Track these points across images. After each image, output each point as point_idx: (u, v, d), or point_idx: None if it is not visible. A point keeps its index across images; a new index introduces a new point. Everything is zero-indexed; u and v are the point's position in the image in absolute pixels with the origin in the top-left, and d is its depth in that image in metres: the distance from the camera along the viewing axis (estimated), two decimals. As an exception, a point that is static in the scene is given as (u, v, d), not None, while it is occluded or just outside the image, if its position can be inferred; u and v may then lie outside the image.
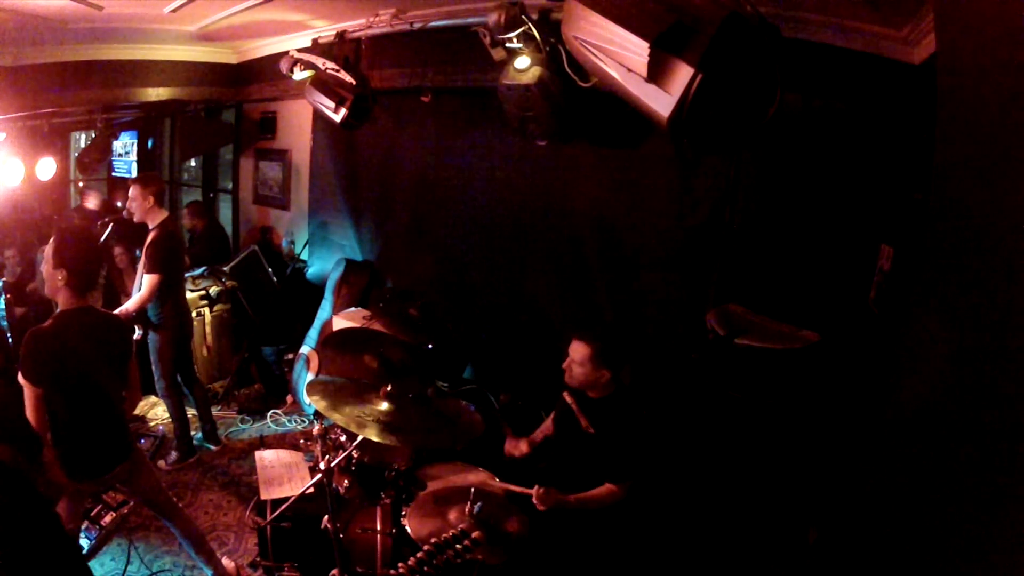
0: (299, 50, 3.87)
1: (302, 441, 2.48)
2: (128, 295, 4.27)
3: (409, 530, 2.07)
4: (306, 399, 3.82)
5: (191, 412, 4.05)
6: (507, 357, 4.04)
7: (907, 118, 2.23)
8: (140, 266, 3.61)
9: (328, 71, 3.72)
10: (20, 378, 2.08)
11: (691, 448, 2.78)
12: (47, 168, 4.49)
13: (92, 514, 3.06)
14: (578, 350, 2.37)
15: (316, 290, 4.97)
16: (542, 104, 2.71)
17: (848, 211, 2.58)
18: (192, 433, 3.97)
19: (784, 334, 2.50)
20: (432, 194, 4.40)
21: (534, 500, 2.27)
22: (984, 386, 1.29)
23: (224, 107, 6.15)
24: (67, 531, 2.37)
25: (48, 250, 2.23)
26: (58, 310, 2.24)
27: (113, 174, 6.68)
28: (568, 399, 2.56)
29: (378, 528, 2.40)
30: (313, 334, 4.61)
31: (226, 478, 3.75)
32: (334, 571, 2.11)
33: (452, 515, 2.04)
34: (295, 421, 4.48)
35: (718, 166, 2.95)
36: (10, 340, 3.93)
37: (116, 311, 3.29)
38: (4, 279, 4.08)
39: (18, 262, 4.48)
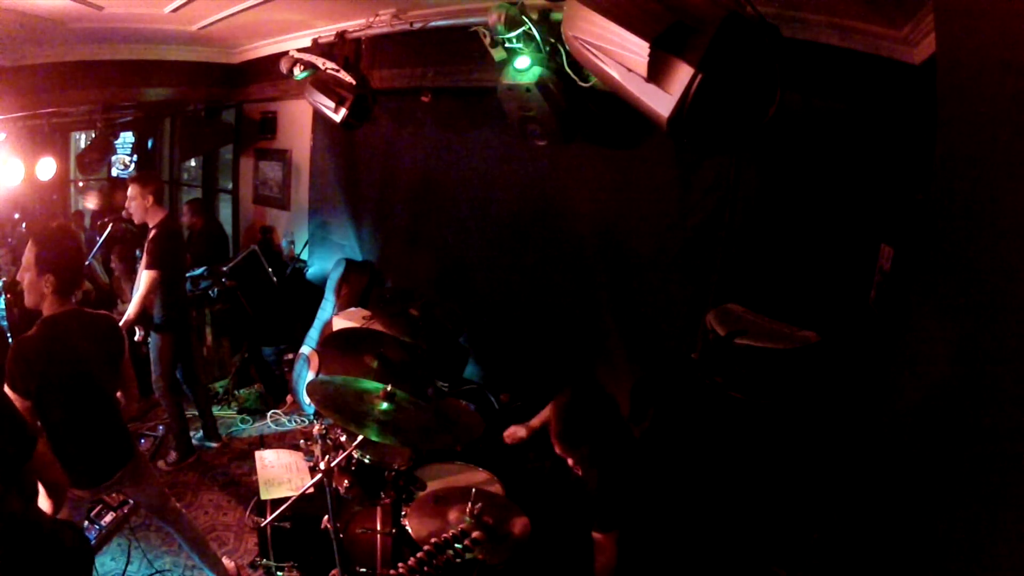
0: (299, 50, 3.87)
1: (302, 441, 2.48)
2: (125, 300, 4.28)
3: (409, 530, 2.07)
4: (306, 399, 3.82)
5: (191, 412, 4.05)
6: (507, 357, 4.04)
7: (907, 118, 2.23)
8: (140, 264, 3.62)
9: (328, 71, 3.72)
10: (7, 389, 1.97)
11: (690, 449, 2.78)
12: (47, 168, 4.49)
13: (92, 514, 3.06)
14: (572, 455, 2.20)
15: (316, 290, 4.97)
16: (542, 104, 2.71)
17: (848, 211, 2.58)
18: (192, 433, 3.97)
19: (784, 334, 2.50)
20: (432, 194, 4.40)
21: None
22: (984, 386, 1.29)
23: (224, 107, 6.15)
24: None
25: (29, 258, 2.12)
26: (44, 315, 2.15)
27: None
28: None
29: (378, 528, 2.41)
30: (314, 334, 4.61)
31: (226, 478, 3.75)
32: (334, 571, 2.11)
33: (452, 515, 2.04)
34: (295, 421, 4.48)
35: (718, 166, 2.95)
36: (10, 340, 3.93)
37: (122, 321, 3.27)
38: (3, 279, 4.07)
39: (11, 261, 4.48)
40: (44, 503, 1.91)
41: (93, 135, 5.65)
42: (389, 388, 2.13)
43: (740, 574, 2.41)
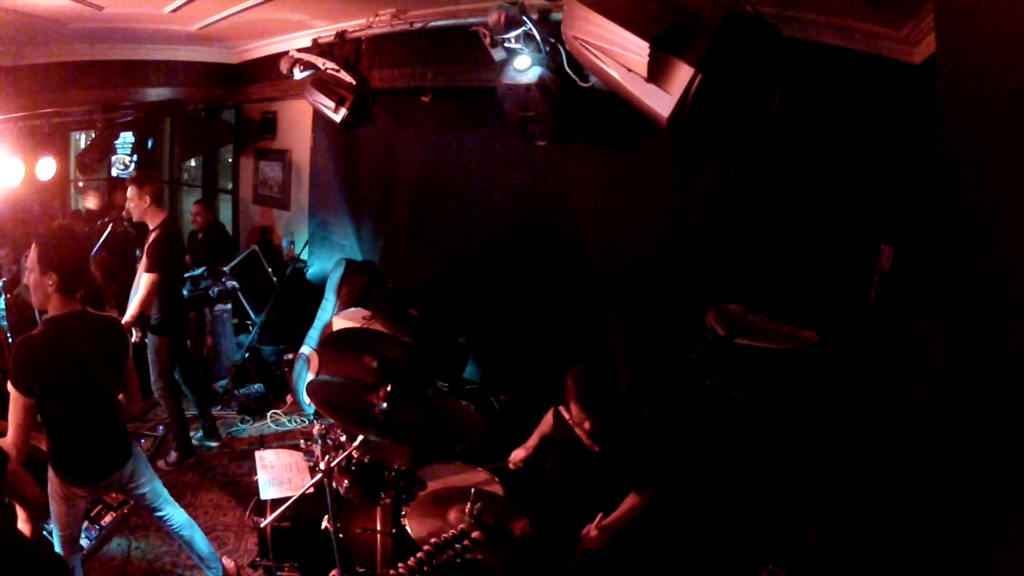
0: (299, 50, 3.87)
1: (302, 441, 2.49)
2: (111, 303, 4.27)
3: (409, 530, 2.07)
4: (306, 399, 3.82)
5: (191, 412, 4.05)
6: (507, 357, 4.04)
7: (907, 118, 2.23)
8: (140, 266, 3.62)
9: (328, 71, 3.72)
10: (9, 386, 2.02)
11: (690, 449, 2.78)
12: (47, 168, 4.49)
13: (92, 514, 3.06)
14: (588, 418, 2.32)
15: (316, 290, 4.97)
16: (542, 104, 2.71)
17: (848, 211, 2.58)
18: (192, 433, 3.97)
19: (784, 334, 2.50)
20: (432, 194, 4.41)
21: (591, 546, 2.28)
22: (984, 386, 1.29)
23: (224, 107, 6.15)
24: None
25: (32, 258, 2.14)
26: (48, 315, 2.16)
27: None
28: (565, 414, 2.54)
29: (378, 528, 2.41)
30: (314, 334, 4.61)
31: (226, 478, 3.75)
32: (334, 571, 2.11)
33: (452, 515, 2.04)
34: (295, 421, 4.48)
35: (718, 166, 2.95)
36: (10, 340, 3.92)
37: (124, 321, 3.27)
38: (3, 279, 4.07)
39: (13, 260, 4.48)
40: (23, 525, 1.91)
41: (93, 135, 5.65)
42: (389, 388, 2.13)
43: (739, 573, 2.41)
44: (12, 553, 1.61)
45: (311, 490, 2.33)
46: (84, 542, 2.89)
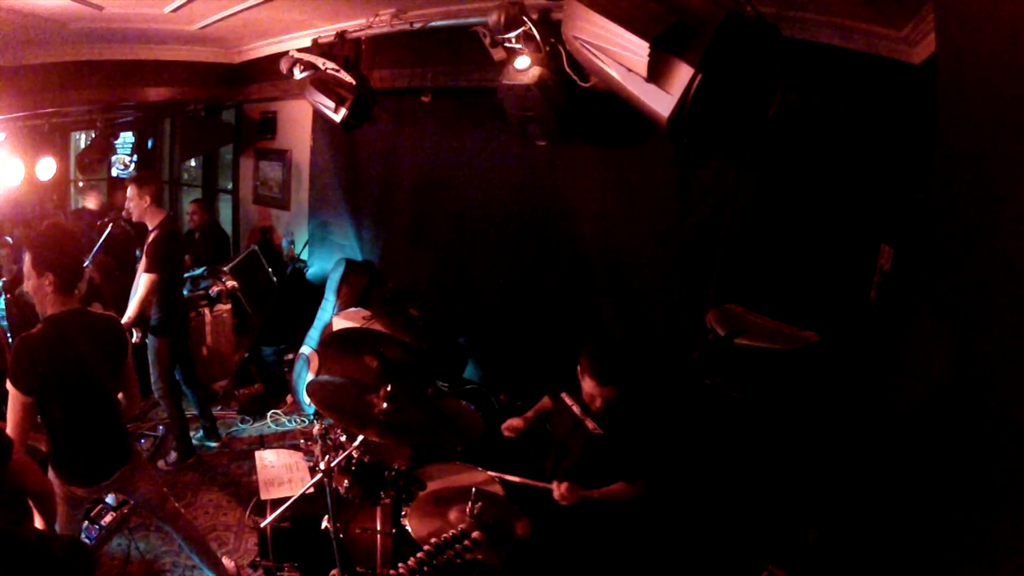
0: (299, 50, 3.87)
1: (302, 441, 2.49)
2: (108, 304, 4.27)
3: (409, 530, 2.07)
4: (306, 399, 3.82)
5: (191, 412, 4.05)
6: (507, 357, 4.04)
7: (907, 118, 2.23)
8: (139, 266, 3.62)
9: (328, 71, 3.71)
10: (8, 385, 2.02)
11: (690, 449, 2.78)
12: (47, 168, 4.49)
13: (92, 514, 3.06)
14: (601, 391, 2.39)
15: (316, 290, 4.97)
16: (542, 104, 2.71)
17: (848, 211, 2.58)
18: (192, 433, 3.97)
19: (784, 334, 2.50)
20: (432, 194, 4.41)
21: (555, 496, 2.29)
22: (984, 386, 1.29)
23: (224, 107, 6.15)
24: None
25: (27, 264, 2.12)
26: (47, 314, 2.15)
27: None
28: (568, 400, 2.56)
29: (378, 528, 2.41)
30: (314, 334, 4.61)
31: (226, 478, 3.75)
32: (334, 571, 2.11)
33: (452, 515, 2.04)
34: (295, 421, 4.48)
35: (718, 166, 2.95)
36: (10, 339, 3.92)
37: (123, 321, 3.26)
38: (3, 279, 4.07)
39: (13, 260, 4.47)
40: (36, 520, 1.91)
41: (93, 135, 5.65)
42: (389, 388, 2.13)
43: (738, 573, 2.42)
44: (16, 553, 1.60)
45: (311, 490, 2.34)
46: (84, 542, 2.90)
